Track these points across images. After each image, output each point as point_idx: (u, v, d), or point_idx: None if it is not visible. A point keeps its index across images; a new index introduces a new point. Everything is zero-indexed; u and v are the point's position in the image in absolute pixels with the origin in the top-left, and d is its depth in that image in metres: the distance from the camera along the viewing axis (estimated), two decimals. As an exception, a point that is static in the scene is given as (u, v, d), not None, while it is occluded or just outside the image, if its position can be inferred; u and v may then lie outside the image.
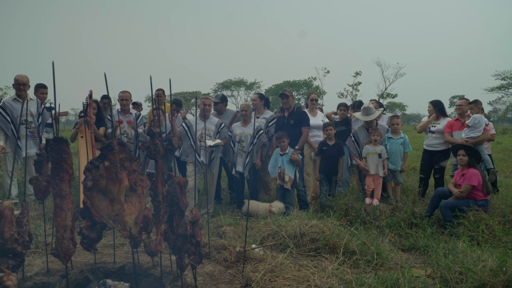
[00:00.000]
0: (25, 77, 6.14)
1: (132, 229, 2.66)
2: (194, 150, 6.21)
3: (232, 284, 3.57)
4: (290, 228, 4.38)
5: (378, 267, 3.88)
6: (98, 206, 2.59)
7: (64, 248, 2.51)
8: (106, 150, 2.64)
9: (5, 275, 2.44)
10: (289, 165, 6.04)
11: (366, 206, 5.83)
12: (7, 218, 2.55)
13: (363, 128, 6.55)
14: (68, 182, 2.56)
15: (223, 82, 65.52)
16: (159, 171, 2.93)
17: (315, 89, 49.54)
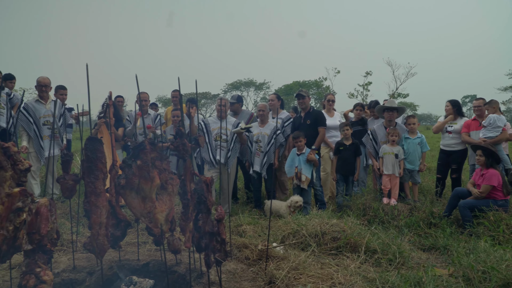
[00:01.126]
0: (47, 79, 6.27)
1: (163, 226, 2.73)
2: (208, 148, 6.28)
3: (255, 282, 3.62)
4: (311, 227, 4.42)
5: (400, 266, 3.91)
6: (131, 203, 2.66)
7: (99, 244, 2.59)
8: (138, 149, 2.71)
9: (42, 270, 2.52)
10: (305, 165, 6.08)
11: (383, 205, 5.85)
12: (43, 215, 2.63)
13: (382, 127, 6.57)
14: (103, 180, 2.63)
15: (232, 82, 65.62)
16: (187, 170, 3.00)
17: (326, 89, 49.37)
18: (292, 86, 56.65)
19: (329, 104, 7.39)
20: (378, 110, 6.75)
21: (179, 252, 3.79)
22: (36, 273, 2.51)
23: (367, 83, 42.87)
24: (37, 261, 2.58)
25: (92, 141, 2.60)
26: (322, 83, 50.80)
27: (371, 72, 42.91)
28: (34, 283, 2.47)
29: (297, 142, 6.17)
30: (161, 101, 60.23)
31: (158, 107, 9.14)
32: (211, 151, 6.29)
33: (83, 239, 4.66)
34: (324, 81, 49.70)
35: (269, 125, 6.51)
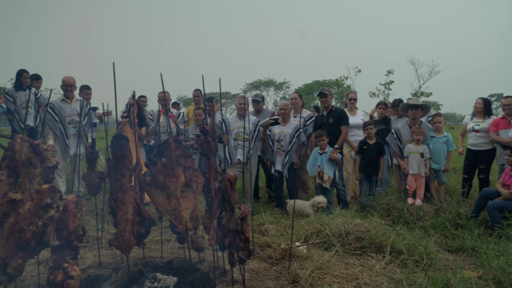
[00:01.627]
0: (72, 79, 6.39)
1: (188, 224, 2.74)
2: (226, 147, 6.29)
3: (278, 281, 3.60)
4: (334, 226, 4.37)
5: (427, 267, 3.82)
6: (156, 201, 2.67)
7: (125, 241, 2.61)
8: (162, 147, 2.73)
9: (69, 265, 2.56)
10: (328, 164, 6.02)
11: (408, 206, 5.75)
12: (71, 211, 2.67)
13: (406, 125, 6.44)
14: (129, 177, 2.65)
15: (252, 82, 65.57)
16: (211, 168, 3.00)
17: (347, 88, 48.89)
18: (312, 85, 56.26)
19: (351, 103, 7.30)
20: (402, 108, 6.62)
21: (203, 250, 3.80)
22: (64, 268, 2.55)
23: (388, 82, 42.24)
24: (65, 257, 2.62)
25: (118, 139, 2.63)
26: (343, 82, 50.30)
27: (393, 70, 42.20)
28: (62, 278, 2.51)
29: (319, 141, 6.12)
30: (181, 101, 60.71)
31: (180, 106, 9.20)
32: (228, 150, 6.29)
33: (108, 236, 4.73)
34: (345, 80, 49.17)
35: (291, 124, 6.47)
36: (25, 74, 6.82)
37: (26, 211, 2.71)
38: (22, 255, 2.66)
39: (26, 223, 2.67)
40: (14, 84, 6.88)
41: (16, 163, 2.81)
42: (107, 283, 3.45)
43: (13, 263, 2.64)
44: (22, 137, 2.88)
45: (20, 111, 6.75)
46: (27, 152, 2.82)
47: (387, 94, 42.16)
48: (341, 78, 50.18)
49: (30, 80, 6.99)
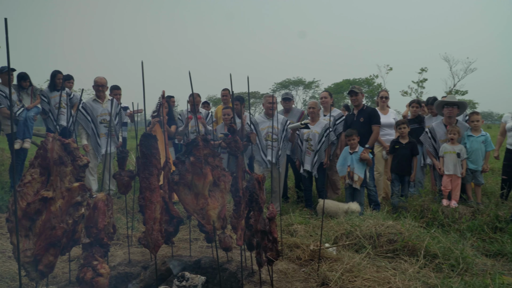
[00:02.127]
0: (104, 79, 6.51)
1: (216, 223, 2.71)
2: (259, 148, 6.25)
3: (307, 283, 3.53)
4: (365, 228, 4.26)
5: (463, 272, 3.66)
6: (184, 200, 2.66)
7: (153, 240, 2.61)
8: (191, 146, 2.71)
9: (99, 263, 2.58)
10: (358, 164, 5.89)
11: (443, 208, 5.54)
12: (101, 210, 2.69)
13: (441, 124, 6.22)
14: (157, 176, 2.65)
15: (281, 81, 65.37)
16: (239, 167, 2.96)
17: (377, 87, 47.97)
18: (342, 84, 55.53)
19: (383, 101, 7.13)
20: (437, 106, 6.39)
21: (231, 249, 3.78)
22: (93, 266, 2.57)
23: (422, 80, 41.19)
24: (95, 254, 2.64)
25: (147, 138, 2.63)
26: (373, 81, 49.38)
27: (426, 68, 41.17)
28: (91, 275, 2.53)
29: (349, 140, 5.99)
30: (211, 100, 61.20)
31: (210, 105, 9.23)
32: (262, 151, 6.25)
33: (138, 234, 4.78)
34: (375, 78, 48.25)
35: (320, 123, 6.37)
36: (59, 75, 6.99)
37: (57, 209, 2.75)
38: (53, 252, 2.69)
39: (57, 221, 2.71)
40: (49, 85, 7.06)
41: (48, 162, 2.86)
42: (136, 281, 3.47)
43: (44, 260, 2.68)
44: (54, 136, 2.92)
45: (54, 111, 6.93)
46: (59, 151, 2.86)
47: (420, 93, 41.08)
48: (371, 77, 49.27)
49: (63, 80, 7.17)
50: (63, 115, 7.02)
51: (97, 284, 2.52)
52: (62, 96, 7.06)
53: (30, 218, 2.73)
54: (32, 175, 2.85)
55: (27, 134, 6.30)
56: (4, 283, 3.39)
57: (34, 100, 6.76)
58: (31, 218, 2.73)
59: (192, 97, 3.09)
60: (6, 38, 2.02)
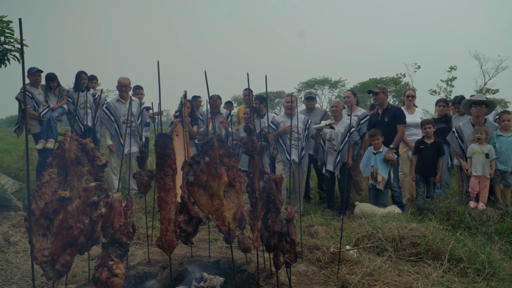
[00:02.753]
0: (127, 79, 6.58)
1: (231, 225, 2.67)
2: (283, 148, 6.20)
3: (327, 286, 3.45)
4: (387, 230, 4.13)
5: (489, 277, 3.50)
6: (199, 200, 2.63)
7: (168, 240, 2.59)
8: (206, 146, 2.67)
9: (114, 263, 2.57)
10: (382, 164, 5.75)
11: (470, 210, 5.34)
12: (116, 210, 2.69)
13: (469, 124, 5.99)
14: (172, 177, 2.63)
15: (307, 81, 64.90)
16: (255, 168, 2.91)
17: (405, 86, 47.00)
18: (369, 83, 54.60)
19: (409, 100, 6.94)
20: (465, 105, 6.16)
21: (249, 251, 3.73)
22: (109, 266, 2.57)
23: (451, 79, 40.12)
24: (110, 255, 2.65)
25: (162, 138, 2.61)
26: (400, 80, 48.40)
27: (455, 66, 40.05)
28: (107, 276, 2.52)
29: (373, 140, 5.86)
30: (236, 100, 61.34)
31: (233, 105, 9.21)
32: (287, 151, 6.18)
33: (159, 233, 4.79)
34: (402, 77, 47.29)
35: (343, 123, 6.25)
36: (83, 76, 7.11)
37: (74, 208, 2.77)
38: (70, 252, 2.71)
39: (73, 221, 2.73)
40: (74, 86, 7.19)
41: (65, 162, 2.89)
42: (154, 281, 3.47)
43: (61, 260, 2.70)
44: (72, 136, 2.95)
45: (79, 111, 7.05)
46: (76, 151, 2.89)
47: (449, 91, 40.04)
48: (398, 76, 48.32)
49: (88, 81, 7.29)
50: (88, 116, 7.14)
51: (112, 284, 2.52)
52: (87, 96, 7.19)
53: (48, 218, 2.77)
54: (50, 175, 2.89)
55: (50, 134, 6.43)
56: (24, 282, 3.45)
57: (61, 101, 6.90)
58: (48, 218, 2.77)
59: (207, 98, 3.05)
60: (21, 39, 2.04)
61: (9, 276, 3.52)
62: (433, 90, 41.20)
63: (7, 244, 4.18)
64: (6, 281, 3.44)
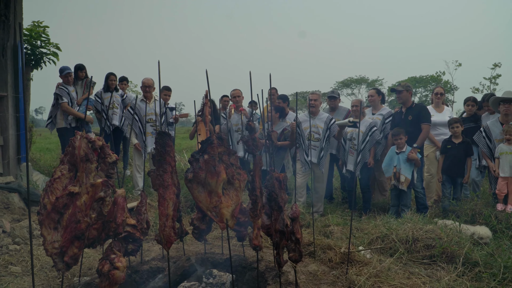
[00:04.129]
0: (151, 80, 6.75)
1: (229, 221, 2.70)
2: (302, 148, 6.16)
3: (334, 286, 3.42)
4: (402, 231, 4.04)
5: (506, 282, 3.34)
6: (198, 197, 2.68)
7: (166, 236, 2.65)
8: (205, 144, 2.72)
9: (116, 257, 2.67)
10: (405, 164, 5.60)
11: (497, 212, 5.11)
12: (120, 205, 2.78)
13: (497, 123, 5.72)
14: (171, 174, 2.69)
15: (343, 80, 64.15)
16: (256, 166, 2.93)
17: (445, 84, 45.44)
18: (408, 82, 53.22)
19: (437, 98, 6.72)
20: (493, 103, 5.90)
21: (261, 249, 3.75)
22: (111, 259, 2.66)
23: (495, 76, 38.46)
24: (113, 248, 2.74)
25: (162, 136, 2.68)
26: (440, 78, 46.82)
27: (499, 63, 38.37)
28: (108, 268, 2.62)
29: (396, 140, 5.72)
30: (267, 100, 61.11)
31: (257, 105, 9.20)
32: (305, 152, 6.13)
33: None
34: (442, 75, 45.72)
35: (365, 122, 6.13)
36: (112, 77, 7.36)
37: (82, 203, 2.88)
38: (78, 245, 2.82)
39: (82, 215, 2.84)
40: (103, 86, 7.46)
41: (76, 158, 3.01)
42: (161, 275, 3.56)
43: (69, 252, 2.82)
44: (82, 134, 3.07)
45: (108, 111, 7.30)
46: (85, 148, 3.00)
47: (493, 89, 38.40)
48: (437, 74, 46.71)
49: (117, 82, 7.54)
50: (116, 115, 7.38)
51: (113, 277, 2.61)
52: (116, 97, 7.43)
53: (59, 212, 2.90)
54: (61, 171, 3.02)
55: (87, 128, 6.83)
56: (43, 273, 3.62)
57: (87, 91, 7.24)
58: (59, 212, 2.90)
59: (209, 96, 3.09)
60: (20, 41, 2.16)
61: (29, 267, 3.71)
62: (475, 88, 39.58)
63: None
64: (26, 271, 3.63)
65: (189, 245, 4.72)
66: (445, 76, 45.57)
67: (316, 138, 6.11)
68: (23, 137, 6.36)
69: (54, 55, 8.80)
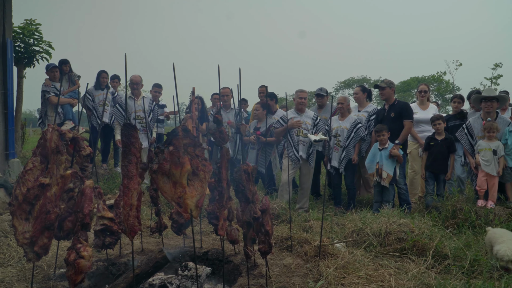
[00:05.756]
0: (139, 77, 6.83)
1: (193, 212, 2.75)
2: (291, 144, 6.20)
3: (306, 278, 3.47)
4: (376, 225, 4.09)
5: (475, 275, 3.39)
6: (162, 188, 2.73)
7: (129, 225, 2.71)
8: (171, 135, 2.77)
9: (82, 246, 2.72)
10: (388, 160, 5.64)
11: (477, 208, 5.15)
12: (87, 196, 2.84)
13: (479, 119, 5.75)
14: (136, 164, 2.74)
15: (345, 80, 64.01)
16: (223, 158, 2.98)
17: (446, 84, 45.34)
18: (410, 82, 53.04)
19: (421, 96, 6.77)
20: (475, 101, 5.93)
21: (237, 242, 3.81)
22: (77, 248, 2.72)
23: (496, 76, 38.39)
24: (79, 238, 2.80)
25: (127, 127, 2.74)
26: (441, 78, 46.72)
27: (501, 64, 38.26)
28: (74, 257, 2.68)
29: (379, 136, 5.76)
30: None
31: (247, 103, 9.30)
32: (294, 147, 6.17)
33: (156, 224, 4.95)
34: (443, 75, 45.59)
35: (349, 119, 6.18)
36: (103, 74, 7.44)
37: (52, 194, 2.95)
38: (48, 235, 2.88)
39: (51, 206, 2.90)
40: (94, 84, 7.53)
41: (47, 151, 3.07)
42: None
43: (39, 242, 2.88)
44: (53, 127, 3.13)
45: (98, 108, 7.38)
46: (56, 140, 3.06)
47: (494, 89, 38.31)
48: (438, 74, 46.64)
49: (108, 80, 7.61)
50: (106, 113, 7.45)
51: (79, 266, 2.67)
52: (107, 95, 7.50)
53: (30, 203, 2.96)
54: (33, 163, 3.08)
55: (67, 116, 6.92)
56: (20, 264, 3.69)
57: (72, 85, 7.34)
58: (30, 203, 2.96)
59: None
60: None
61: (7, 259, 3.77)
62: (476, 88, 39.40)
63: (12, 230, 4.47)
64: (3, 263, 3.69)
65: (169, 239, 4.77)
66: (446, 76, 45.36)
67: (305, 134, 6.16)
68: (11, 134, 6.44)
69: (47, 53, 8.87)
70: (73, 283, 2.76)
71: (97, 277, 3.81)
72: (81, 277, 2.76)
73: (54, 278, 3.55)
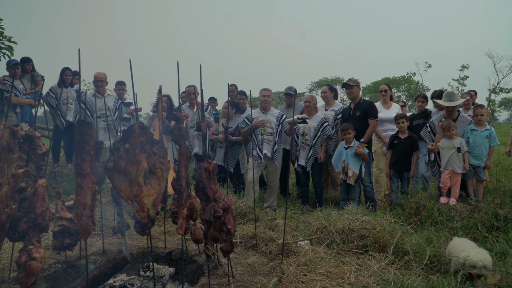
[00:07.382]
0: (103, 74, 6.67)
1: (150, 211, 2.69)
2: (255, 143, 6.19)
3: (269, 276, 3.46)
4: (340, 223, 4.12)
5: (435, 271, 3.46)
6: (118, 186, 2.66)
7: (83, 225, 2.63)
8: (127, 133, 2.70)
9: (34, 247, 2.62)
10: (353, 159, 5.71)
11: (440, 205, 5.27)
12: (40, 195, 2.74)
13: (442, 118, 5.90)
14: (89, 163, 2.67)
15: (318, 80, 64.67)
16: (182, 156, 2.93)
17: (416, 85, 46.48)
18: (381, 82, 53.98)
19: (383, 95, 6.89)
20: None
21: (201, 241, 3.75)
22: (28, 250, 2.62)
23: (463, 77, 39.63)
24: (32, 239, 2.70)
25: (80, 124, 2.65)
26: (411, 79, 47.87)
27: (467, 65, 39.56)
28: (25, 259, 2.58)
29: (345, 135, 5.82)
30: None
31: (216, 101, 9.24)
32: (258, 146, 6.17)
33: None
34: (412, 76, 46.72)
35: (316, 117, 6.22)
36: (67, 72, 7.23)
37: (3, 194, 2.83)
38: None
39: (2, 206, 2.78)
40: (58, 81, 7.30)
41: (-2, 149, 2.95)
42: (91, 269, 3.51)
43: (-11, 243, 2.75)
44: (5, 124, 3.01)
45: (61, 106, 7.16)
46: (8, 138, 2.94)
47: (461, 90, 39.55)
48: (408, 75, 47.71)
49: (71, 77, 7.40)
50: (70, 111, 7.25)
51: (30, 268, 2.57)
52: (71, 92, 7.30)
53: (-21, 203, 2.83)
54: (-17, 162, 2.95)
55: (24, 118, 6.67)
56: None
57: (35, 86, 7.08)
58: (-20, 203, 2.83)
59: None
60: None
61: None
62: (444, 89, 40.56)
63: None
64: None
65: (133, 240, 4.67)
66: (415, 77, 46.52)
67: (269, 132, 6.16)
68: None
69: (9, 49, 8.55)
70: (24, 285, 2.66)
71: (55, 280, 3.69)
72: (32, 279, 2.66)
73: (9, 281, 3.42)
